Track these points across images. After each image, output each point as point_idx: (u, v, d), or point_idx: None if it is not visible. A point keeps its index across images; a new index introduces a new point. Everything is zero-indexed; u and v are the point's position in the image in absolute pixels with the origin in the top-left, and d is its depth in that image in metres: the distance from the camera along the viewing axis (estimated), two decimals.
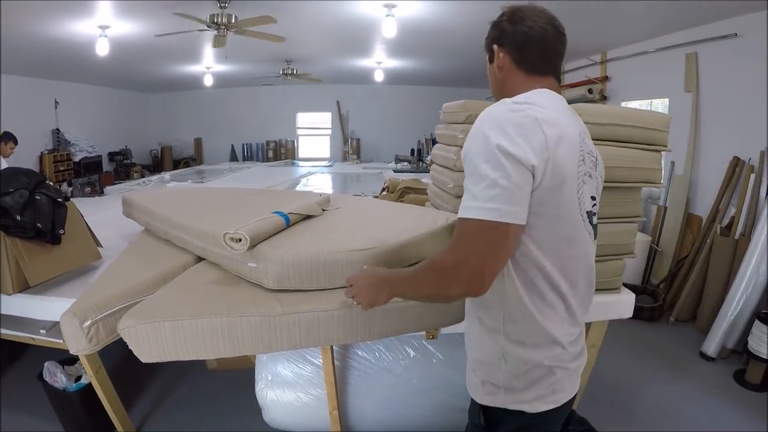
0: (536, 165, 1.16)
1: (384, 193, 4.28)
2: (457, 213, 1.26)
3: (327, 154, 14.24)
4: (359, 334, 1.77)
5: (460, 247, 1.20)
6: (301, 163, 10.99)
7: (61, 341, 2.44)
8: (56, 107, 10.50)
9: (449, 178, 2.60)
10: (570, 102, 1.44)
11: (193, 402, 3.31)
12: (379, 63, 9.97)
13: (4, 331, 2.57)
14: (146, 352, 1.60)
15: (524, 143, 1.16)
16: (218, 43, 6.17)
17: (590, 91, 7.34)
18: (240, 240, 1.72)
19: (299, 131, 14.58)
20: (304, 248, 1.79)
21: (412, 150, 12.36)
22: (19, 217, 2.20)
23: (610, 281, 2.38)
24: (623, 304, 2.44)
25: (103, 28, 6.50)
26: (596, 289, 1.45)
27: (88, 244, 2.68)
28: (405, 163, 10.03)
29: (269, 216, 1.94)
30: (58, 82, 10.38)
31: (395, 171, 8.50)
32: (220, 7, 5.55)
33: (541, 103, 1.26)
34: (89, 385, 2.69)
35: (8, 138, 6.02)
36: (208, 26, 5.70)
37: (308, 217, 2.22)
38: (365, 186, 6.01)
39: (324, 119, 14.50)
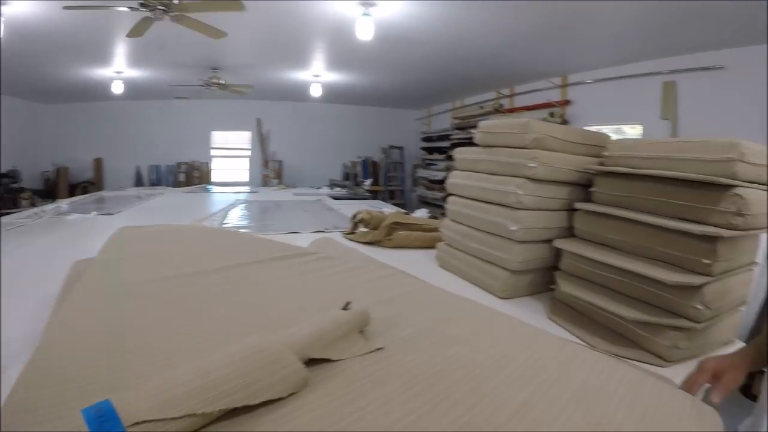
0: None
1: (363, 229, 3.41)
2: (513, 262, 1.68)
3: (246, 177, 12.98)
4: None
5: None
6: (215, 189, 9.49)
7: None
8: None
9: (509, 219, 2.11)
10: None
11: None
12: (317, 76, 8.94)
13: None
14: None
15: None
16: (137, 30, 4.95)
17: (552, 114, 7.49)
18: None
19: (213, 152, 13.17)
20: None
21: (347, 174, 11.60)
22: None
23: None
24: None
25: None
26: None
27: None
28: (339, 189, 9.08)
29: None
30: None
31: (333, 197, 7.44)
32: None
33: None
34: None
35: None
36: (140, 5, 4.45)
37: None
38: (313, 219, 4.87)
39: (242, 139, 13.21)
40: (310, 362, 0.97)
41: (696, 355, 1.63)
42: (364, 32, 5.23)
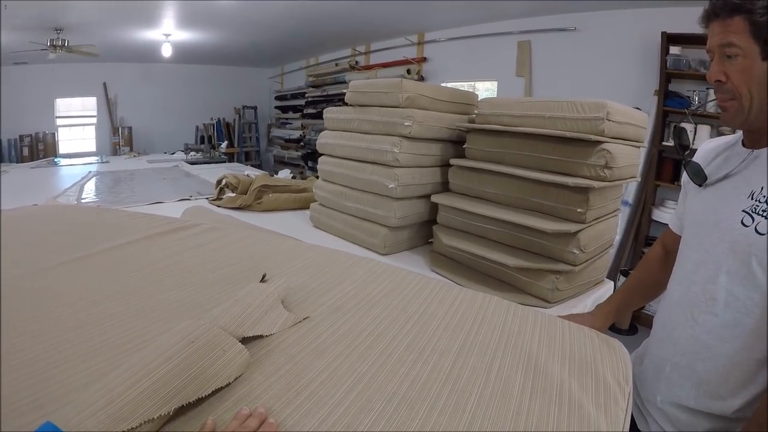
0: None
1: (230, 194, 3.36)
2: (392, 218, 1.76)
3: (93, 147, 12.01)
4: None
5: None
6: (63, 162, 8.60)
7: None
8: None
9: (386, 177, 2.13)
10: None
11: None
12: (168, 35, 8.43)
13: None
14: None
15: None
16: None
17: (408, 71, 7.60)
18: None
19: (59, 121, 11.90)
20: None
21: (201, 137, 11.12)
22: None
23: None
24: None
25: None
26: None
27: None
28: (194, 153, 8.79)
29: None
30: None
31: (189, 163, 7.29)
32: None
33: None
34: None
35: None
36: None
37: None
38: (173, 187, 4.62)
39: (87, 105, 12.11)
40: (244, 341, 0.94)
41: (574, 295, 1.79)
42: None
